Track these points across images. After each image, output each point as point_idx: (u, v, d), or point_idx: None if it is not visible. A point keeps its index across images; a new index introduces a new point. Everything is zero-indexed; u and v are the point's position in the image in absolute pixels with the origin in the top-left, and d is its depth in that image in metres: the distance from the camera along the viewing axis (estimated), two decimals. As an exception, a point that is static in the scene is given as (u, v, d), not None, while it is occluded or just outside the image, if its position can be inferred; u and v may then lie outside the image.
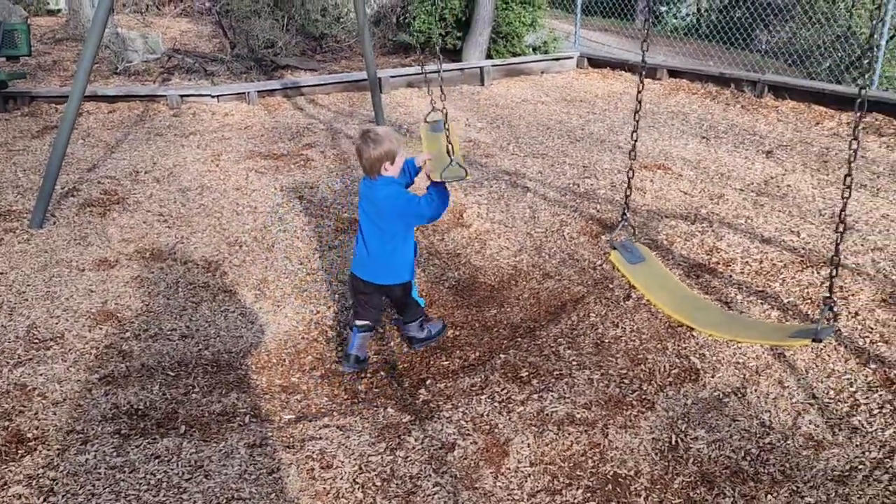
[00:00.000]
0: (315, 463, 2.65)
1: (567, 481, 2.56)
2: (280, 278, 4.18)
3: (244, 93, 7.73)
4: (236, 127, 6.96)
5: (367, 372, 3.42)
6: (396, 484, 2.56)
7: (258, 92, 7.77)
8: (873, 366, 3.05)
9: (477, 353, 3.49)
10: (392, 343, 3.65)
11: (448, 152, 3.09)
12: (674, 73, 8.49)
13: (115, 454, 2.67)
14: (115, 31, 9.08)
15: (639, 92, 2.67)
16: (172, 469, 2.60)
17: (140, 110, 7.40)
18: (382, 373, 3.42)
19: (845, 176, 2.30)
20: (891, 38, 8.80)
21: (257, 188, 5.38)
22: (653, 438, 2.74)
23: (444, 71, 6.66)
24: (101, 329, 3.55)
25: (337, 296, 4.03)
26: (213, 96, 7.61)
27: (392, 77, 8.29)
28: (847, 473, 2.51)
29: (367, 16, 9.61)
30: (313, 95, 8.05)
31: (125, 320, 3.65)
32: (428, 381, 3.25)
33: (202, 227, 4.75)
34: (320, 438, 2.80)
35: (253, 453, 2.71)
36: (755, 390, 2.98)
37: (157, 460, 2.65)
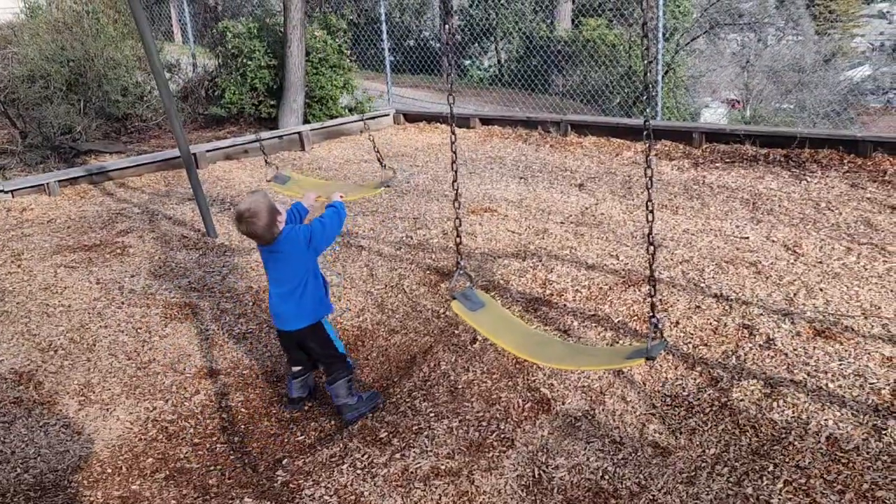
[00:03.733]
0: (169, 576, 2.41)
1: (441, 537, 2.51)
2: (106, 379, 3.82)
3: (43, 184, 7.11)
4: (37, 221, 6.38)
5: (217, 463, 3.19)
6: (263, 579, 2.38)
7: (59, 181, 7.18)
8: (699, 368, 3.32)
9: (332, 422, 3.38)
10: (241, 426, 3.44)
11: (378, 159, 4.18)
12: (485, 120, 8.95)
13: None
14: None
15: (452, 143, 2.77)
16: None
17: (-82, 216, 6.57)
18: (232, 456, 3.21)
19: (647, 201, 2.51)
20: (664, 73, 9.90)
21: (69, 284, 4.93)
22: (517, 475, 2.77)
23: (263, 140, 6.57)
24: None
25: (175, 387, 3.75)
26: (5, 191, 6.93)
27: (208, 151, 8.03)
28: (693, 473, 2.69)
29: (173, 91, 9.29)
30: (123, 179, 7.59)
31: (-80, 457, 3.16)
32: (284, 461, 3.09)
33: (7, 336, 4.26)
34: (172, 547, 2.55)
35: (94, 581, 2.41)
36: (602, 410, 3.12)
37: None
